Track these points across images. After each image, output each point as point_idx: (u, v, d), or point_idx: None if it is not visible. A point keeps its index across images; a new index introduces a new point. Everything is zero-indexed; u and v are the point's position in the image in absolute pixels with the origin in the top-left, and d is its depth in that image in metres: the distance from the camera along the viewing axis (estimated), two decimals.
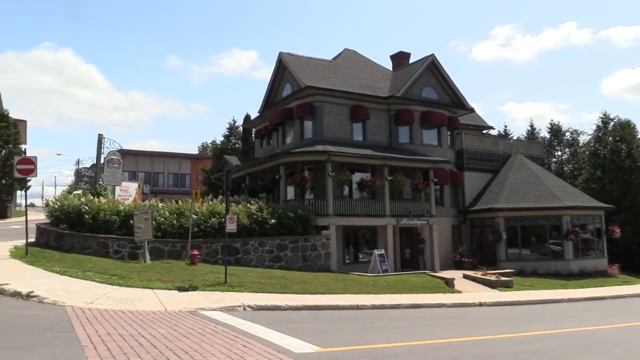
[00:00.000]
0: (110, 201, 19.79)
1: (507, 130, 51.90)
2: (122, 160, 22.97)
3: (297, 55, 28.33)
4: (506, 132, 51.27)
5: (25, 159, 16.57)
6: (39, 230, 19.90)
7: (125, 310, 10.10)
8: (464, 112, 29.69)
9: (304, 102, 25.66)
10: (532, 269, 25.94)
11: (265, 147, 31.25)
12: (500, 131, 50.44)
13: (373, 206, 24.26)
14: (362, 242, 25.55)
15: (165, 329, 8.64)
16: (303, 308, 12.64)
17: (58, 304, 10.21)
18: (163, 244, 18.26)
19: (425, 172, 26.19)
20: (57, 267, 14.23)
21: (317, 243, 21.32)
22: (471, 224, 28.92)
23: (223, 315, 10.50)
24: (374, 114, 26.52)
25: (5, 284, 11.33)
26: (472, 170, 29.41)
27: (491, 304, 16.65)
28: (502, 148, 31.76)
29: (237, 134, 46.46)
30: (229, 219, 15.78)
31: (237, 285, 14.24)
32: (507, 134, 50.65)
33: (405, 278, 20.16)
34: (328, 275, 18.80)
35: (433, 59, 28.43)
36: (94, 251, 17.50)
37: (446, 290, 18.61)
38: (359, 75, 28.45)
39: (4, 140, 39.59)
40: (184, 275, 14.91)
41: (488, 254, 27.27)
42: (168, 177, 58.65)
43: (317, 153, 23.21)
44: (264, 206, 21.15)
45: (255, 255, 19.74)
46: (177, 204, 20.33)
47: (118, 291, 12.23)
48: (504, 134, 50.04)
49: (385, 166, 24.58)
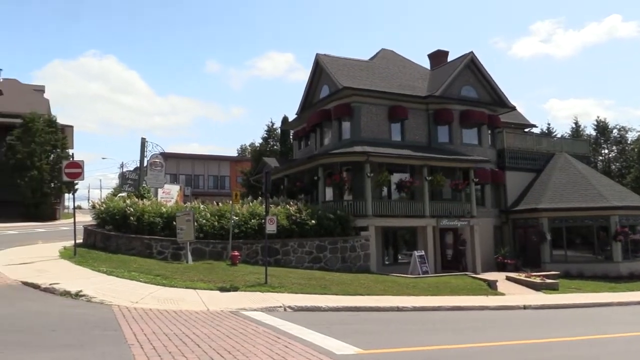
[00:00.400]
0: (154, 203, 20.24)
1: (550, 128, 50.64)
2: (164, 163, 23.47)
3: (334, 57, 28.34)
4: (549, 130, 50.00)
5: (73, 163, 17.10)
6: (86, 231, 20.56)
7: (169, 310, 10.31)
8: (505, 110, 29.08)
9: (342, 103, 25.64)
10: (578, 271, 25.13)
11: (303, 148, 31.38)
12: (542, 129, 49.24)
13: (412, 207, 24.02)
14: (402, 243, 25.33)
15: (208, 328, 8.77)
16: (343, 309, 12.62)
17: (105, 303, 10.52)
18: (204, 245, 18.56)
19: (466, 172, 25.77)
20: (104, 267, 14.66)
21: (356, 244, 21.26)
22: (514, 224, 28.27)
23: (264, 316, 10.59)
24: (412, 113, 26.28)
25: (56, 284, 11.76)
26: (514, 170, 28.74)
27: (536, 307, 16.22)
28: (545, 146, 30.94)
29: (276, 136, 46.85)
30: (269, 220, 15.90)
31: (277, 286, 14.33)
32: (550, 132, 49.39)
33: (446, 280, 19.87)
34: (367, 277, 18.71)
35: (472, 57, 27.97)
36: (139, 252, 17.95)
37: (489, 293, 18.24)
38: (396, 75, 28.25)
39: (52, 145, 41.00)
40: (225, 276, 15.12)
41: (532, 255, 26.59)
42: (208, 179, 59.65)
43: (355, 154, 23.15)
44: (303, 207, 21.22)
45: (294, 256, 19.84)
46: (218, 206, 20.62)
47: (162, 291, 12.49)
48: (547, 132, 48.81)
49: (425, 166, 24.31)
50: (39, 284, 11.85)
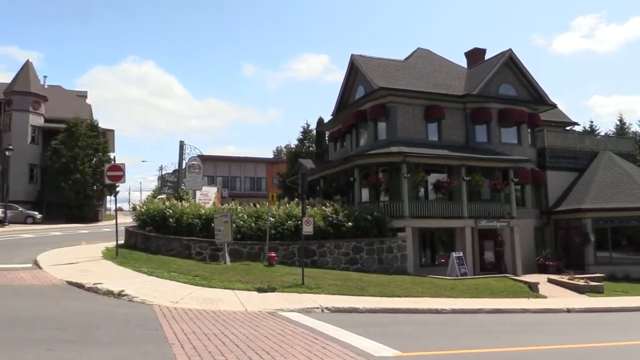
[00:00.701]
0: (192, 205, 20.56)
1: (593, 126, 49.08)
2: (202, 165, 23.83)
3: (369, 57, 28.21)
4: (592, 128, 48.47)
5: (115, 166, 17.55)
6: (128, 232, 21.07)
7: (208, 310, 10.44)
8: (546, 108, 28.35)
9: (377, 104, 25.50)
10: (624, 273, 24.23)
11: (339, 149, 31.35)
12: (585, 127, 47.75)
13: (450, 207, 23.68)
14: (439, 245, 24.98)
15: (247, 329, 8.84)
16: (380, 311, 12.52)
17: (146, 303, 10.74)
18: (242, 246, 18.74)
19: (505, 171, 25.24)
20: (145, 268, 14.97)
21: (393, 245, 21.09)
22: (555, 225, 27.52)
23: (301, 317, 10.60)
24: (449, 113, 25.92)
25: (99, 283, 12.07)
26: (555, 169, 27.99)
27: (580, 310, 15.70)
28: (588, 145, 30.03)
29: (311, 138, 46.98)
30: (306, 221, 15.92)
31: (314, 287, 14.34)
32: (594, 130, 47.85)
33: (486, 282, 19.48)
34: (405, 278, 18.53)
35: (510, 54, 27.41)
36: (178, 253, 18.26)
37: (530, 295, 17.78)
38: (433, 75, 27.92)
39: (94, 149, 42.24)
40: (262, 277, 15.22)
41: (574, 257, 25.82)
42: (245, 181, 60.35)
43: (391, 154, 22.98)
44: (340, 208, 21.17)
45: (331, 257, 19.82)
46: (255, 207, 20.79)
47: (201, 291, 12.67)
48: (590, 130, 47.32)
49: (462, 166, 23.93)
50: (84, 283, 12.19)
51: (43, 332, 7.66)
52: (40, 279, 12.97)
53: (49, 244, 21.04)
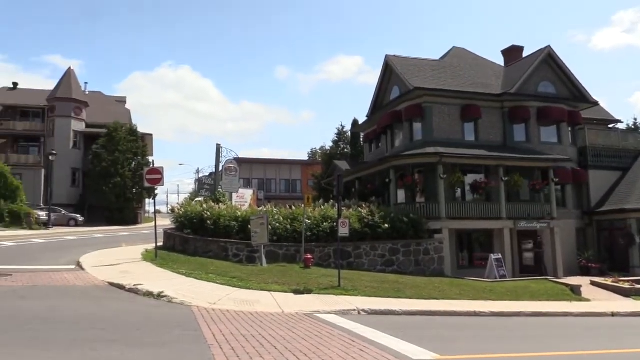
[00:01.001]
0: (229, 207, 20.79)
1: (637, 123, 47.48)
2: (238, 168, 24.10)
3: (404, 57, 28.00)
4: (636, 126, 46.90)
5: (154, 169, 17.87)
6: (166, 235, 21.47)
7: (246, 311, 10.53)
8: (587, 105, 27.55)
9: (413, 104, 25.27)
10: None
11: (374, 150, 31.20)
12: (629, 124, 46.24)
13: (488, 208, 23.25)
14: (477, 246, 24.56)
15: (284, 330, 8.87)
16: (418, 313, 12.39)
17: (185, 304, 10.91)
18: (278, 248, 18.85)
19: (545, 171, 24.63)
20: (183, 270, 15.22)
21: (429, 247, 20.85)
22: (598, 226, 26.68)
23: (338, 319, 10.57)
24: (486, 112, 25.47)
25: (139, 284, 12.34)
26: (597, 169, 27.13)
27: (626, 314, 15.16)
28: (632, 143, 29.00)
29: (346, 139, 46.94)
30: (342, 223, 15.87)
31: (351, 289, 14.28)
32: (638, 128, 46.31)
33: (525, 284, 19.02)
34: (442, 280, 18.28)
35: (549, 51, 26.74)
36: (215, 254, 18.50)
37: (572, 298, 17.28)
38: (469, 74, 27.50)
39: (133, 153, 43.31)
40: (298, 279, 15.25)
41: (619, 259, 24.98)
42: (280, 183, 60.72)
43: (427, 155, 22.74)
44: (376, 210, 21.03)
45: (367, 259, 19.72)
46: (290, 210, 20.85)
47: (238, 293, 12.79)
48: (634, 128, 45.80)
49: (500, 166, 23.47)
50: (124, 284, 12.48)
51: (86, 332, 7.88)
52: (83, 280, 13.34)
53: (90, 245, 21.64)
